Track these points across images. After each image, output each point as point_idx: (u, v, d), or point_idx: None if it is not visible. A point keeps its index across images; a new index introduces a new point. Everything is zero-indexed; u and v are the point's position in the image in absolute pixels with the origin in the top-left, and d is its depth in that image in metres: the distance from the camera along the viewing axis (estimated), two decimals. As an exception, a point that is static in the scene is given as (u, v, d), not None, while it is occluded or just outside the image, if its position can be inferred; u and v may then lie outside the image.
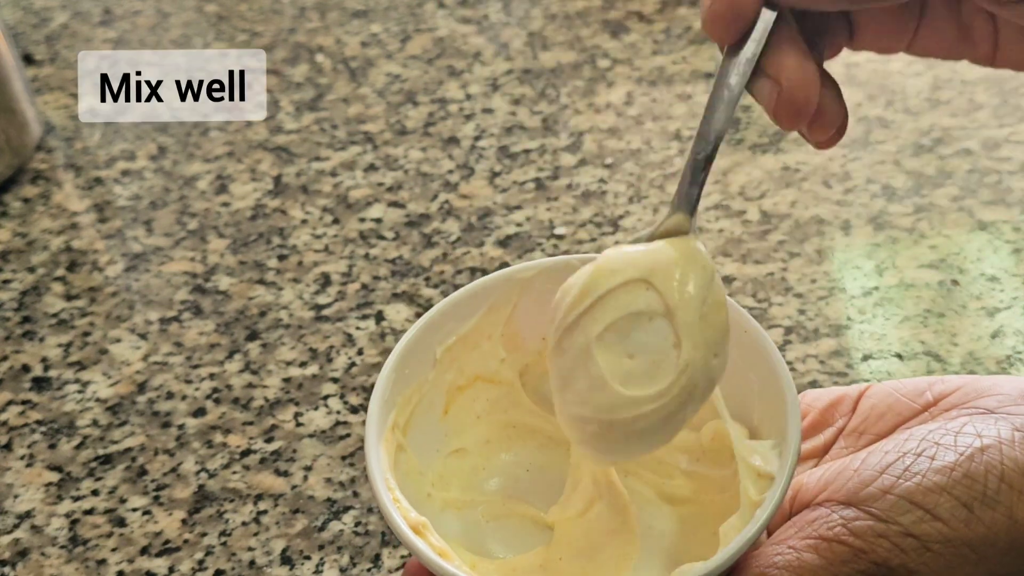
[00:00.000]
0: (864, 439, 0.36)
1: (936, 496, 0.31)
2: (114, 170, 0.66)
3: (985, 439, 0.32)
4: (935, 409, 0.35)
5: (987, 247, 0.55)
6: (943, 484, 0.31)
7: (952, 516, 0.30)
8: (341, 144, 0.67)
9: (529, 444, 0.40)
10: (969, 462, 0.31)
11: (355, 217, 0.61)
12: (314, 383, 0.51)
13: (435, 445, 0.39)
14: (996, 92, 0.66)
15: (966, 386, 0.35)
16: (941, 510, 0.30)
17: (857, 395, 0.37)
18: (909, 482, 0.31)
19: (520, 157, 0.65)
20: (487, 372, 0.40)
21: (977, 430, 0.32)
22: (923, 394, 0.36)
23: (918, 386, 0.36)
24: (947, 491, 0.31)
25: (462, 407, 0.40)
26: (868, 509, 0.31)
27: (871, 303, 0.52)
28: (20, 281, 0.59)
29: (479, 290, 0.38)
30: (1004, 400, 0.33)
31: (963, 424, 0.32)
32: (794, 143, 0.63)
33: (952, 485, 0.31)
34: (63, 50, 0.78)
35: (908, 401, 0.36)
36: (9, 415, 0.51)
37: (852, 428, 0.37)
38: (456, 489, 0.39)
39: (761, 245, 0.56)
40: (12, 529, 0.46)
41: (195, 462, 0.48)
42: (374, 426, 0.35)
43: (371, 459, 0.34)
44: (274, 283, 0.57)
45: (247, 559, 0.44)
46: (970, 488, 0.31)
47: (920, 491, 0.31)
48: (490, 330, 0.39)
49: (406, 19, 0.79)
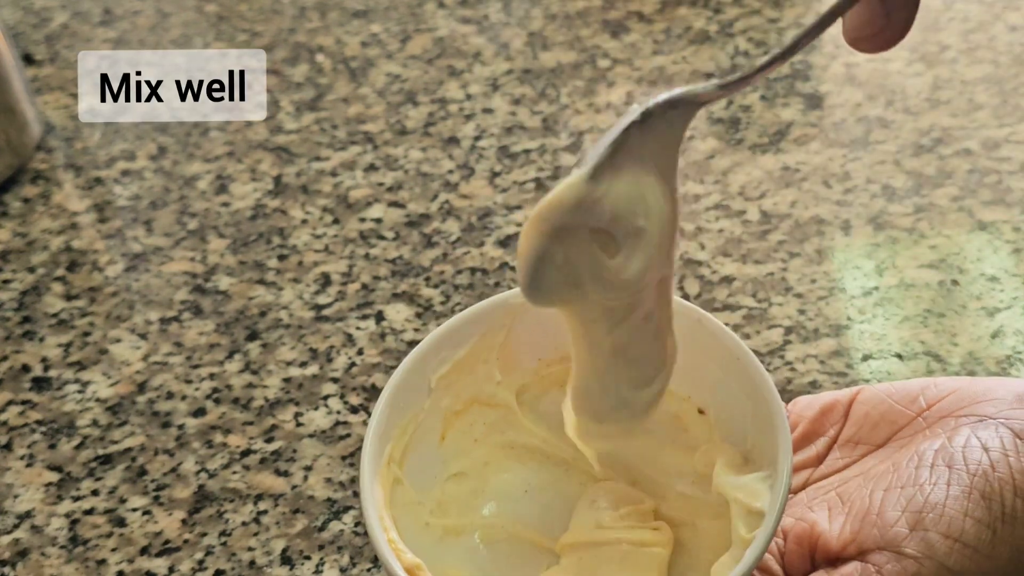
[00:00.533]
0: (860, 449, 0.36)
1: (961, 523, 0.31)
2: (114, 170, 0.66)
3: (992, 452, 0.31)
4: (929, 415, 0.35)
5: (987, 247, 0.55)
6: (965, 510, 0.31)
7: (979, 541, 0.30)
8: (341, 144, 0.67)
9: (528, 464, 0.40)
10: (984, 482, 0.31)
11: (355, 217, 0.61)
12: (314, 383, 0.51)
13: (433, 472, 0.39)
14: (996, 92, 0.66)
15: (960, 390, 0.35)
16: (968, 536, 0.30)
17: (848, 401, 0.37)
18: (932, 514, 0.31)
19: (520, 157, 0.65)
20: (483, 395, 0.39)
21: (981, 442, 0.32)
22: (916, 400, 0.35)
23: (910, 391, 0.36)
24: (969, 516, 0.31)
25: (459, 432, 0.39)
26: (901, 551, 0.31)
27: (871, 303, 0.52)
28: (20, 281, 0.59)
29: (472, 317, 0.38)
30: (1001, 405, 0.33)
31: (966, 437, 0.32)
32: (794, 143, 0.63)
33: (973, 508, 0.31)
34: (63, 50, 0.78)
35: (901, 408, 0.36)
36: (9, 415, 0.51)
37: (846, 438, 0.36)
38: (454, 515, 0.38)
39: (761, 245, 0.56)
40: (12, 529, 0.46)
41: (195, 462, 0.48)
42: (368, 464, 0.34)
43: (366, 500, 0.34)
44: (274, 283, 0.57)
45: (247, 559, 0.44)
46: (989, 509, 0.31)
47: (945, 522, 0.31)
48: (485, 355, 0.39)
49: (406, 19, 0.79)
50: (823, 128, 0.64)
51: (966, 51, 0.69)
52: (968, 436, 0.32)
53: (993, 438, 0.32)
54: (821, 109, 0.66)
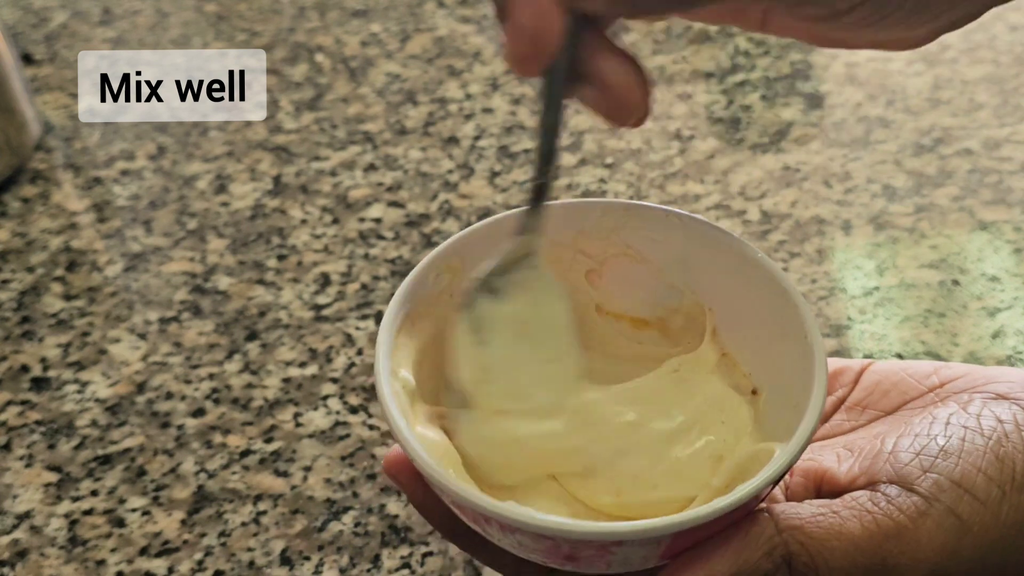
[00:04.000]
0: (867, 414, 0.36)
1: (974, 476, 0.31)
2: (113, 170, 0.66)
3: (1006, 424, 0.32)
4: (942, 391, 0.35)
5: (988, 247, 0.55)
6: (979, 465, 0.31)
7: (989, 497, 0.30)
8: (341, 144, 0.67)
9: None
10: (998, 446, 0.31)
11: (355, 217, 0.61)
12: (314, 383, 0.51)
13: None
14: (997, 92, 0.65)
15: (972, 372, 0.35)
16: (979, 490, 0.30)
17: (860, 368, 0.37)
18: (947, 462, 0.31)
19: (520, 157, 0.64)
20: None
21: (995, 414, 0.32)
22: (929, 376, 0.36)
23: (923, 368, 0.36)
24: (983, 472, 0.31)
25: None
26: (913, 487, 0.31)
27: (872, 303, 0.52)
28: (19, 281, 0.59)
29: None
30: (1014, 387, 0.33)
31: (980, 407, 0.33)
32: (795, 143, 0.63)
33: (987, 466, 0.31)
34: (62, 50, 0.78)
35: (914, 382, 0.36)
36: (8, 415, 0.51)
37: (854, 401, 0.36)
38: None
39: (761, 245, 0.56)
40: (11, 529, 0.46)
41: (194, 462, 0.48)
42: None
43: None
44: (273, 283, 0.57)
45: (246, 559, 0.44)
46: (1001, 470, 0.31)
47: (959, 471, 0.31)
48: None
49: (406, 19, 0.78)
50: (824, 128, 0.64)
51: (967, 51, 0.69)
52: (982, 407, 0.33)
53: (1007, 412, 0.32)
54: (822, 109, 0.66)
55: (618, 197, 0.60)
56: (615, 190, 0.61)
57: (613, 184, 0.61)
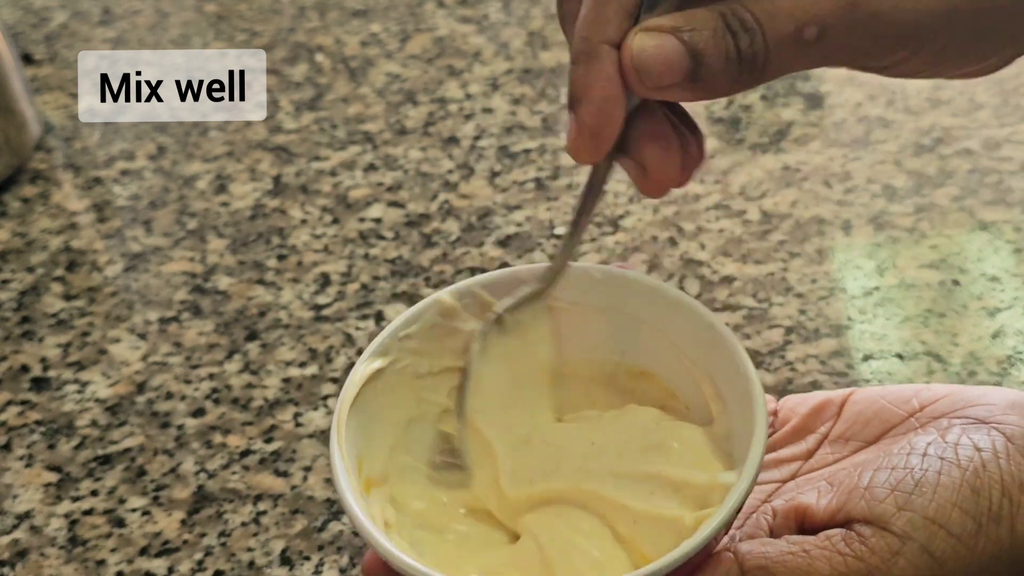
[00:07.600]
0: (851, 445, 0.36)
1: (948, 511, 0.31)
2: (113, 170, 0.66)
3: (984, 453, 0.32)
4: (922, 415, 0.35)
5: (988, 247, 0.55)
6: (953, 500, 0.31)
7: (964, 531, 0.30)
8: (341, 144, 0.67)
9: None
10: (975, 478, 0.31)
11: (355, 217, 0.61)
12: (313, 383, 0.51)
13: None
14: (997, 92, 0.65)
15: (953, 395, 0.35)
16: (954, 526, 0.30)
17: (841, 401, 0.37)
18: (922, 498, 0.31)
19: (520, 157, 0.64)
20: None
21: (973, 442, 0.32)
22: (909, 401, 0.36)
23: (903, 393, 0.36)
24: (958, 506, 0.31)
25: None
26: (886, 526, 0.31)
27: (872, 303, 0.52)
28: (19, 281, 0.59)
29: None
30: (993, 410, 0.33)
31: (959, 436, 0.33)
32: (795, 143, 0.63)
33: (962, 501, 0.31)
34: (62, 50, 0.78)
35: (894, 408, 0.36)
36: (8, 415, 0.51)
37: (838, 434, 0.37)
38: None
39: (761, 245, 0.56)
40: (11, 529, 0.46)
41: (194, 462, 0.48)
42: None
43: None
44: (273, 283, 0.57)
45: (246, 560, 0.44)
46: (977, 503, 0.31)
47: (933, 507, 0.31)
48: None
49: (406, 19, 0.78)
50: (824, 128, 0.64)
51: (967, 51, 0.69)
52: (960, 435, 0.33)
53: (985, 440, 0.32)
54: (822, 109, 0.66)
55: (618, 197, 0.60)
56: (615, 190, 0.61)
57: (613, 184, 0.61)
